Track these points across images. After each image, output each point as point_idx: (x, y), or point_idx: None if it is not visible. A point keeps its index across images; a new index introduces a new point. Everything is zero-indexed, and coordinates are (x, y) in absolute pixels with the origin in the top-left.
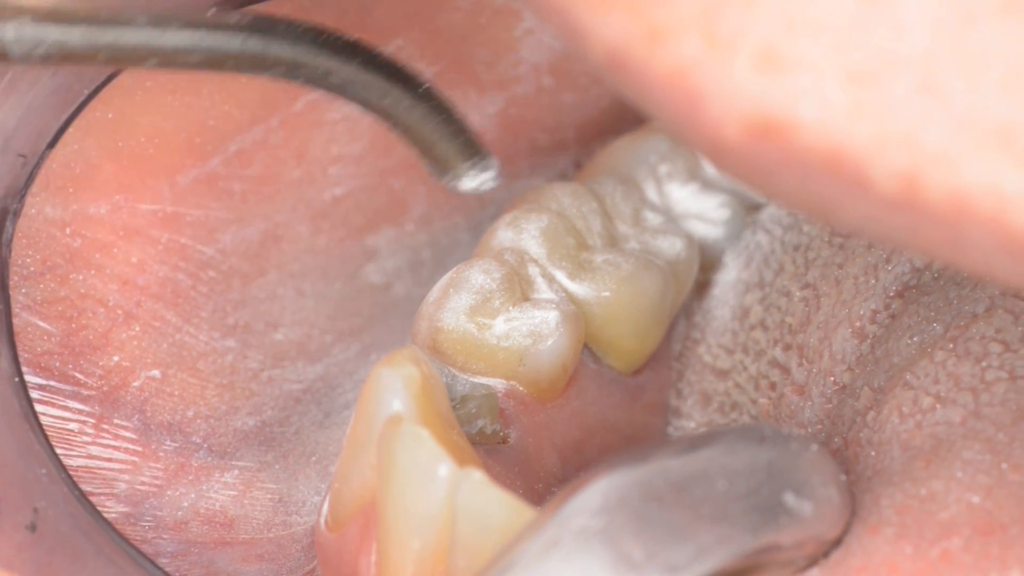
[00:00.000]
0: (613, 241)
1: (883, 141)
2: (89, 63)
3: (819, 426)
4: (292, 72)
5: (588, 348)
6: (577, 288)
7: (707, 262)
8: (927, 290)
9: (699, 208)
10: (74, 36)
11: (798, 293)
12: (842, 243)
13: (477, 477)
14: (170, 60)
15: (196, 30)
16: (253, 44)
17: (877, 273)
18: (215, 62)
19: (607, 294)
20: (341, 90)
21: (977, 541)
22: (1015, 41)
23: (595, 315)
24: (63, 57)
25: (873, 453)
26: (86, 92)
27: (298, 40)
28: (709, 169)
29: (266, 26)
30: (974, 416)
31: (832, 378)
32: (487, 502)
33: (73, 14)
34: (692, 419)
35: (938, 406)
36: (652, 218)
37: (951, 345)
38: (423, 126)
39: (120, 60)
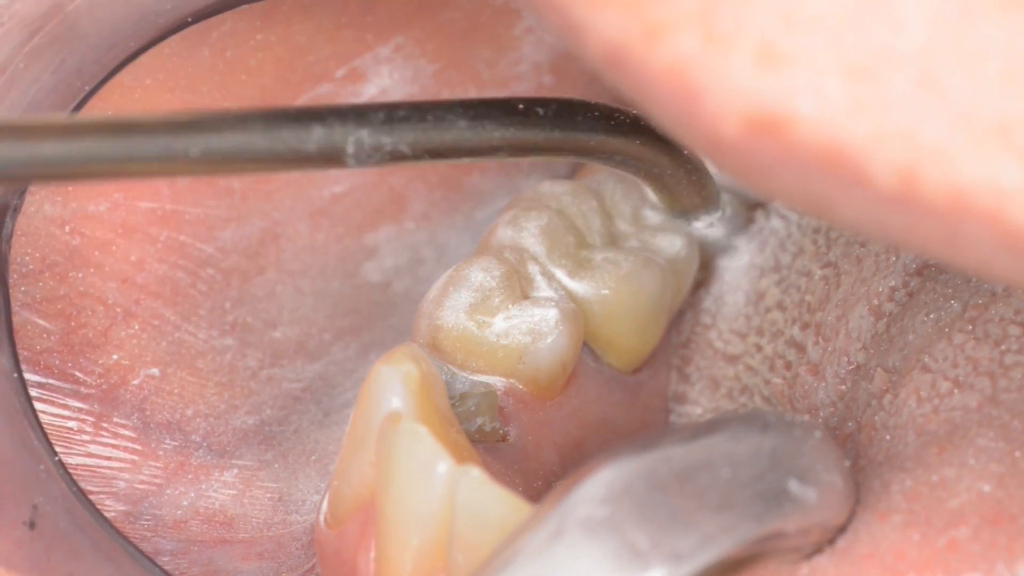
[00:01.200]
0: (613, 239)
1: (881, 137)
2: (413, 163)
3: (832, 409)
4: (586, 155)
5: (587, 346)
6: (577, 286)
7: (707, 259)
8: (945, 268)
9: None
10: (405, 142)
11: (819, 272)
12: None
13: (476, 474)
14: (484, 154)
15: (508, 126)
16: (557, 134)
17: (898, 251)
18: (522, 152)
19: (607, 292)
20: (623, 164)
21: (985, 530)
22: (1014, 36)
23: (595, 313)
24: (394, 160)
25: (888, 437)
26: (87, 89)
27: (594, 126)
28: (708, 167)
29: (567, 115)
30: (991, 402)
31: (846, 358)
32: (486, 499)
33: (405, 121)
34: (699, 405)
35: (956, 391)
36: (652, 216)
37: (970, 327)
38: (681, 184)
39: (441, 158)
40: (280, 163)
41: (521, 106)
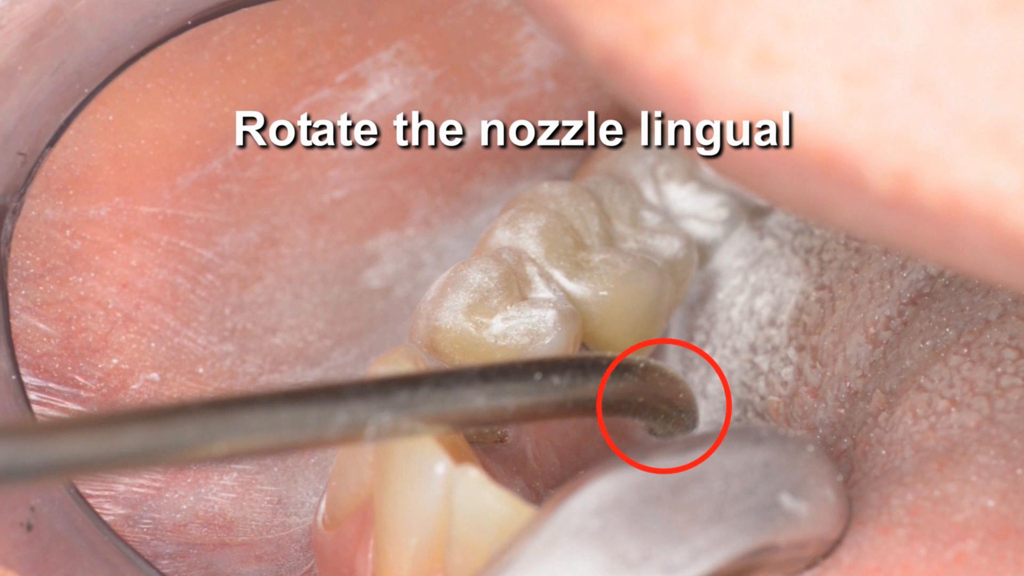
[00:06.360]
0: (611, 241)
1: (878, 140)
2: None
3: (830, 428)
4: (605, 410)
5: (586, 347)
6: (575, 287)
7: (705, 261)
8: (939, 296)
9: (697, 208)
10: (424, 420)
11: (814, 294)
12: (858, 247)
13: (474, 475)
14: (501, 423)
15: (525, 396)
16: (575, 392)
17: (892, 279)
18: (540, 418)
19: (605, 293)
20: (635, 414)
21: (992, 544)
22: (1010, 40)
23: (593, 314)
24: (414, 433)
25: (883, 452)
26: (87, 91)
27: (618, 384)
28: (706, 169)
29: (582, 374)
30: (989, 421)
31: (847, 383)
32: (484, 499)
33: (424, 401)
34: None
35: (953, 409)
36: (650, 218)
37: (965, 350)
38: (679, 424)
39: (458, 428)
40: (300, 448)
41: (538, 376)
